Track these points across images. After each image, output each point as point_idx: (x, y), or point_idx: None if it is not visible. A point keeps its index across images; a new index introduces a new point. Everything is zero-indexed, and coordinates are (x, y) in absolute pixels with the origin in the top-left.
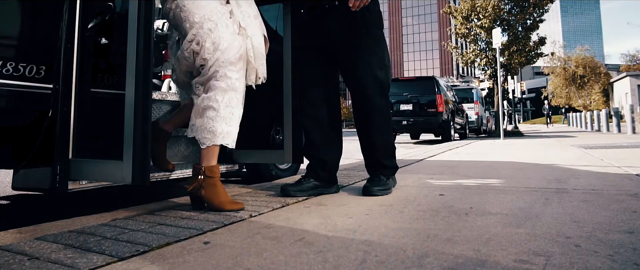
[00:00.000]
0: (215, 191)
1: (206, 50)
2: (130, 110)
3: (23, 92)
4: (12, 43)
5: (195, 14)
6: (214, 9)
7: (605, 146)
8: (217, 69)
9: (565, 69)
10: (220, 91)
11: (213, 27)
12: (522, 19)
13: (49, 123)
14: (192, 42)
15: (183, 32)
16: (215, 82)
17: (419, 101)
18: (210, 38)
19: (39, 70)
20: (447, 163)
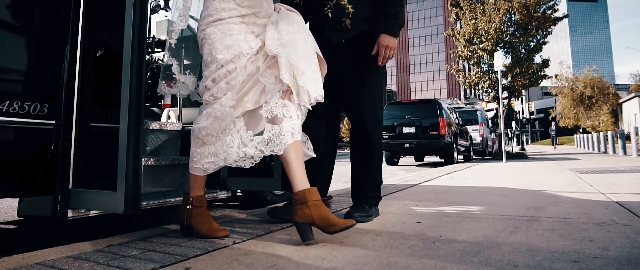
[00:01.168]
0: (201, 220)
1: (220, 90)
2: (123, 144)
3: (28, 128)
4: (19, 84)
5: (219, 50)
6: (239, 50)
7: (601, 170)
8: (219, 102)
9: (573, 90)
10: (217, 120)
11: (232, 69)
12: (525, 42)
13: (51, 156)
14: (208, 78)
15: (204, 63)
16: (211, 110)
17: (421, 124)
18: (227, 79)
19: (42, 108)
20: (439, 189)
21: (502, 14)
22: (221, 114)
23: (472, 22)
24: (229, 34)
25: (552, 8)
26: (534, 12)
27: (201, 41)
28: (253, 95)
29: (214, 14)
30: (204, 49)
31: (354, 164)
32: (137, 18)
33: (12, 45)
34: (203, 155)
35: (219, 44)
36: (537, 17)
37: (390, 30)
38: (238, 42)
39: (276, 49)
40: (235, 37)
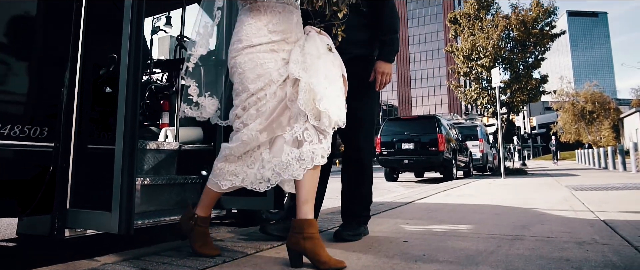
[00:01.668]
0: (198, 237)
1: (249, 116)
2: (118, 166)
3: (29, 150)
4: (20, 108)
5: (251, 80)
6: (269, 78)
7: (596, 187)
8: (248, 127)
9: (574, 105)
10: (242, 144)
11: (262, 96)
12: (523, 58)
13: (50, 177)
14: (238, 106)
15: (234, 90)
16: (240, 134)
17: (420, 140)
18: (256, 106)
19: (42, 131)
20: (432, 206)
21: (500, 31)
22: (248, 137)
23: (471, 39)
24: (259, 63)
25: (550, 25)
26: (531, 29)
27: (231, 69)
28: (282, 120)
29: (244, 40)
30: (234, 77)
31: (345, 183)
32: (133, 45)
33: (14, 71)
34: (222, 172)
35: (250, 74)
36: (535, 33)
37: (385, 57)
38: (269, 71)
39: (298, 72)
40: (266, 66)
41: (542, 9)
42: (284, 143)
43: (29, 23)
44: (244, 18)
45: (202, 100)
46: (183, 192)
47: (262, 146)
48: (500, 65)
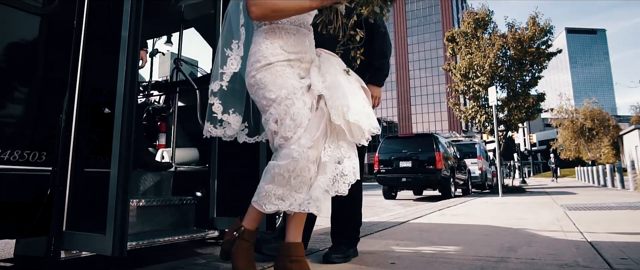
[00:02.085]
0: (242, 254)
1: (287, 128)
2: (113, 190)
3: (27, 175)
4: (20, 134)
5: (273, 91)
6: (292, 86)
7: (591, 207)
8: (297, 143)
9: (573, 122)
10: (292, 161)
11: (290, 104)
12: (520, 76)
13: (47, 200)
14: (269, 120)
15: (261, 110)
16: (288, 151)
17: (418, 158)
18: (289, 115)
19: (41, 156)
20: (425, 227)
21: (496, 49)
22: (298, 154)
23: (468, 57)
24: (279, 75)
25: (546, 43)
26: (528, 48)
27: (252, 88)
28: (324, 136)
29: (262, 60)
30: (256, 94)
31: (335, 205)
32: (129, 73)
33: (15, 98)
34: (269, 195)
35: (272, 86)
36: (532, 52)
37: (377, 81)
38: (289, 81)
39: (322, 90)
40: (285, 77)
41: (538, 28)
42: (328, 159)
43: (29, 49)
44: (260, 39)
45: (226, 118)
46: (178, 213)
47: (311, 168)
48: (498, 84)
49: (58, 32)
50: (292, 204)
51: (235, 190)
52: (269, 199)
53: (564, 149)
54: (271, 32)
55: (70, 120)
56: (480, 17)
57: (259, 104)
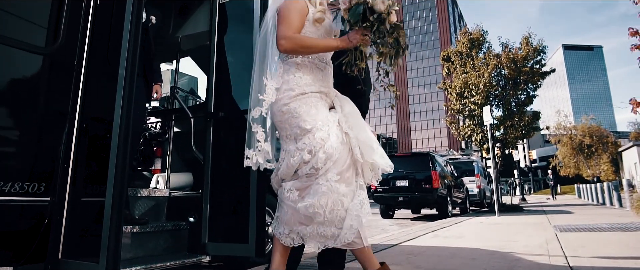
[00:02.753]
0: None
1: (319, 160)
2: (107, 220)
3: (27, 205)
4: (21, 167)
5: (307, 121)
6: (325, 118)
7: (583, 228)
8: (324, 176)
9: (572, 138)
10: (323, 196)
11: (325, 137)
12: (515, 95)
13: (45, 229)
14: (303, 150)
15: (291, 136)
16: (317, 187)
17: (415, 177)
18: (323, 148)
19: (40, 187)
20: (415, 250)
21: (491, 69)
22: (327, 189)
23: (463, 77)
24: (313, 105)
25: (540, 63)
26: (522, 67)
27: (284, 116)
28: (352, 167)
29: (296, 88)
30: (288, 123)
31: None
32: (125, 108)
33: (19, 132)
34: (313, 235)
35: (306, 116)
36: (526, 71)
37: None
38: (323, 112)
39: (347, 129)
40: (319, 108)
41: (532, 48)
42: (358, 187)
43: (32, 87)
44: (292, 69)
45: (266, 146)
46: (172, 238)
47: (345, 201)
48: (493, 103)
49: (59, 70)
50: (337, 239)
51: (227, 215)
52: (315, 238)
53: (564, 165)
54: (304, 66)
55: (69, 152)
56: (474, 37)
57: (289, 132)
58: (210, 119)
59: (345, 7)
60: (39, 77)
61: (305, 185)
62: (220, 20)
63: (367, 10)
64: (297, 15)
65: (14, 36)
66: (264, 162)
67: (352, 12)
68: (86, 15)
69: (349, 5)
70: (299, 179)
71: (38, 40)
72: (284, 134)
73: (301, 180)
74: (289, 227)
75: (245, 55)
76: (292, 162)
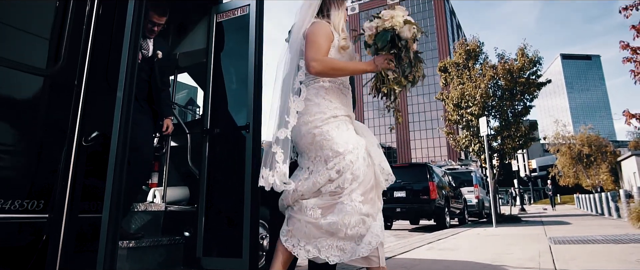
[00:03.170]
0: None
1: (346, 180)
2: (103, 236)
3: (25, 222)
4: (21, 185)
5: (339, 144)
6: (355, 142)
7: (577, 240)
8: (349, 196)
9: (571, 148)
10: (347, 215)
11: (354, 159)
12: (511, 106)
13: (42, 245)
14: (332, 169)
15: (321, 158)
16: (342, 206)
17: (412, 188)
18: (351, 170)
19: (39, 204)
20: (408, 263)
21: (487, 80)
22: (351, 209)
23: (460, 88)
24: (343, 129)
25: (535, 74)
26: (518, 78)
27: (314, 137)
28: (374, 187)
29: (327, 112)
30: (321, 145)
31: None
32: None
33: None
34: (331, 248)
35: (339, 139)
36: (522, 82)
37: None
38: (352, 135)
39: (372, 152)
40: (350, 132)
41: (527, 59)
42: (379, 209)
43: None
44: (321, 93)
45: (284, 168)
46: (167, 252)
47: (365, 219)
48: (490, 113)
49: (59, 90)
50: (353, 254)
51: (222, 230)
52: (331, 250)
53: (563, 175)
54: (330, 90)
55: (67, 170)
56: (471, 48)
57: (319, 153)
58: (206, 134)
59: (371, 33)
60: (40, 97)
61: (328, 203)
62: (217, 38)
63: (395, 37)
64: (325, 40)
65: (17, 59)
66: (280, 183)
67: (380, 37)
68: (87, 37)
69: (376, 32)
70: (320, 197)
71: (39, 61)
72: (312, 155)
73: (323, 198)
74: (306, 240)
75: (241, 73)
76: (319, 180)
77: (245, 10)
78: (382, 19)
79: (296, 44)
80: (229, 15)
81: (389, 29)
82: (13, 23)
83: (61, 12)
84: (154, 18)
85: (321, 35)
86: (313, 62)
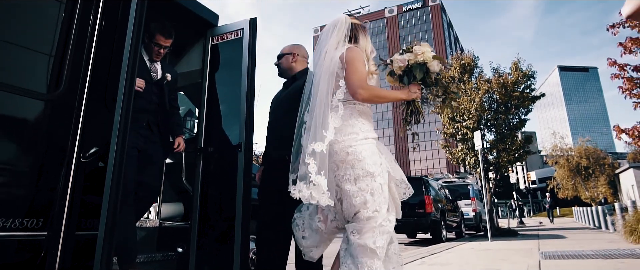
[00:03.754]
0: None
1: (378, 202)
2: (98, 253)
3: (25, 240)
4: (21, 204)
5: (371, 165)
6: (383, 164)
7: (568, 255)
8: (379, 219)
9: (569, 160)
10: (388, 235)
11: (383, 182)
12: (506, 119)
13: (40, 261)
14: (366, 191)
15: (351, 176)
16: (378, 228)
17: (408, 201)
18: (383, 193)
19: (38, 223)
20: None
21: (482, 94)
22: (390, 228)
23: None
24: (375, 152)
25: (529, 87)
26: (512, 92)
27: (347, 156)
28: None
29: (360, 133)
30: (352, 164)
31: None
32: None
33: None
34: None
35: (369, 160)
36: (516, 96)
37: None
38: (382, 157)
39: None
40: (379, 154)
41: (521, 73)
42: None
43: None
44: (355, 115)
45: (319, 179)
46: (160, 268)
47: (394, 235)
48: (485, 127)
49: (60, 113)
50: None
51: (213, 246)
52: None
53: (562, 187)
54: (363, 112)
55: (66, 189)
56: (466, 62)
57: (349, 172)
58: (200, 153)
59: (402, 64)
60: (41, 120)
61: (367, 227)
62: (212, 59)
63: (427, 70)
64: (363, 66)
65: (20, 84)
66: (317, 195)
67: (419, 69)
68: (87, 63)
69: (407, 64)
70: (358, 222)
71: (41, 86)
72: (341, 173)
73: (360, 222)
74: (352, 258)
75: (234, 94)
76: (355, 202)
77: (239, 34)
78: (415, 53)
79: (331, 65)
80: (224, 38)
81: (421, 62)
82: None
83: (63, 40)
84: (160, 41)
85: (360, 62)
86: (360, 90)
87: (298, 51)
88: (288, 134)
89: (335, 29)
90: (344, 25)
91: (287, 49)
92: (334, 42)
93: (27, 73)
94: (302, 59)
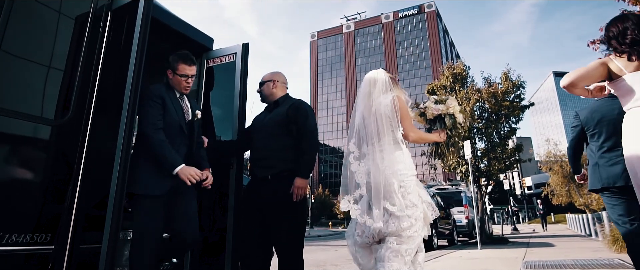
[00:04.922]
0: None
1: (418, 227)
2: (102, 264)
3: (33, 253)
4: (30, 219)
5: (415, 197)
6: (424, 195)
7: (550, 264)
8: (418, 239)
9: (563, 166)
10: (416, 246)
11: (421, 211)
12: (496, 128)
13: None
14: (412, 217)
15: (401, 202)
16: (421, 243)
17: None
18: (420, 218)
19: (46, 237)
20: None
21: (472, 103)
22: (420, 241)
23: None
24: (415, 185)
25: (519, 97)
26: (502, 101)
27: (400, 187)
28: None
29: (410, 170)
30: (401, 193)
31: None
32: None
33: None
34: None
35: (414, 192)
36: (506, 105)
37: (302, 174)
38: (419, 191)
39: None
40: (418, 188)
41: (511, 83)
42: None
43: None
44: (405, 151)
45: (367, 220)
46: None
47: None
48: (476, 136)
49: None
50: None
51: (206, 257)
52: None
53: (556, 194)
54: (406, 151)
55: (72, 206)
56: (457, 71)
57: (397, 200)
58: None
59: (436, 112)
60: (48, 143)
61: (407, 244)
62: (206, 81)
63: (454, 120)
64: (408, 113)
65: (30, 111)
66: (371, 223)
67: (451, 120)
68: (92, 90)
69: (438, 114)
70: (399, 237)
71: (49, 113)
72: (388, 198)
73: (401, 238)
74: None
75: (228, 113)
76: (402, 225)
77: (232, 58)
78: (447, 106)
79: (384, 109)
80: (218, 61)
81: (451, 114)
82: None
83: (70, 69)
84: (186, 71)
85: (407, 109)
86: (411, 133)
87: (278, 78)
88: (271, 155)
89: (378, 81)
90: (385, 78)
91: (268, 76)
92: (379, 91)
93: (37, 101)
94: (282, 85)
